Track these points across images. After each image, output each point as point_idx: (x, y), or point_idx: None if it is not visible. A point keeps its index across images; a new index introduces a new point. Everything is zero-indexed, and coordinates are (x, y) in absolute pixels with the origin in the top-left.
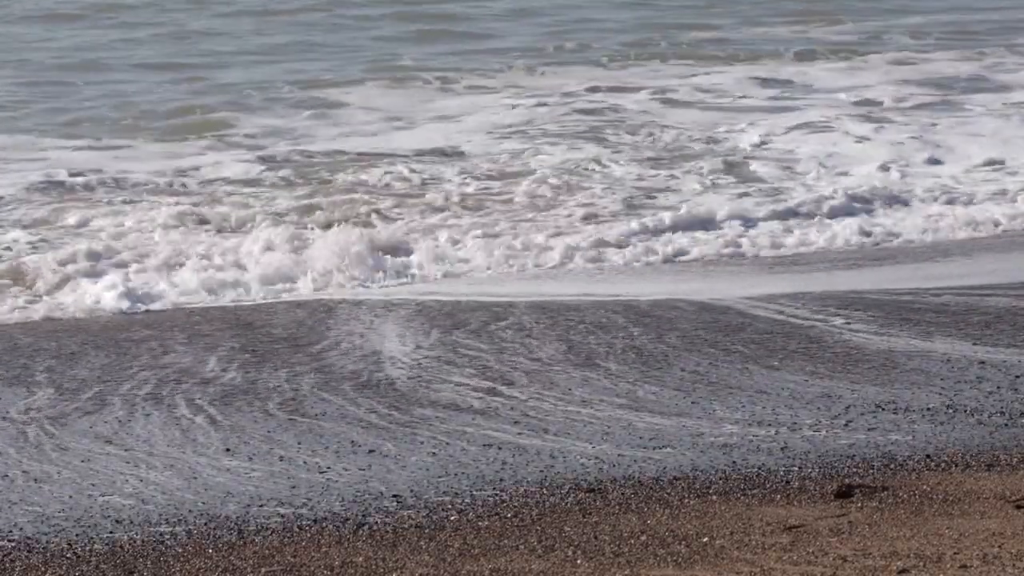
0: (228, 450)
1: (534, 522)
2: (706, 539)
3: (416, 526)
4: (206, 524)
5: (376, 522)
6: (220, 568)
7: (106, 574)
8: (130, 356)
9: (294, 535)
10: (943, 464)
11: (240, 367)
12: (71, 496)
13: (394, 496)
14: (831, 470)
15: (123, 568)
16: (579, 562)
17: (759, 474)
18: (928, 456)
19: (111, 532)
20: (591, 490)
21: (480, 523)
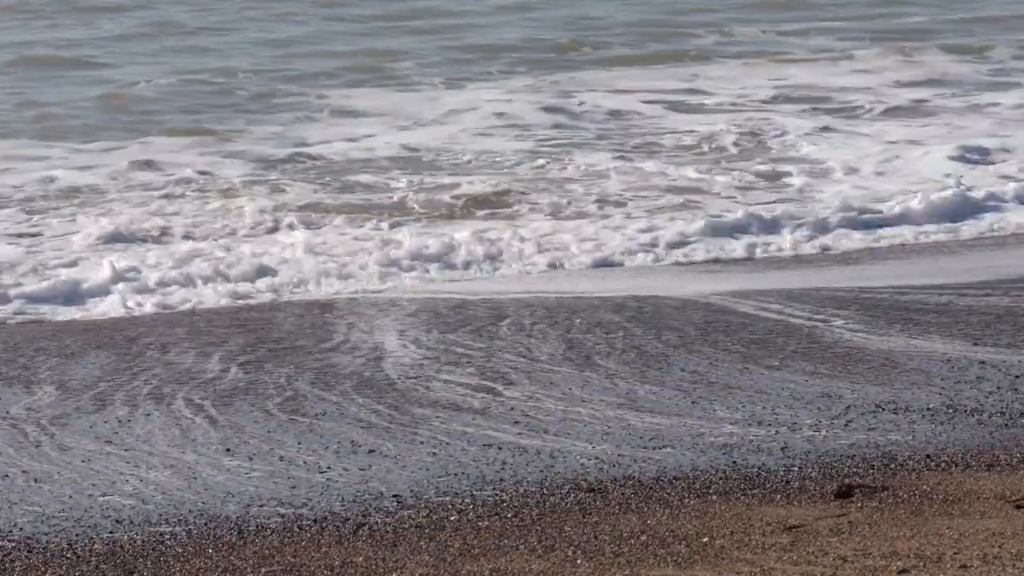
0: (228, 450)
1: (534, 522)
2: (706, 539)
3: (416, 526)
4: (206, 524)
5: (376, 522)
6: (220, 568)
7: (106, 574)
8: (131, 356)
9: (294, 535)
10: (943, 464)
11: (240, 367)
12: (71, 496)
13: (394, 496)
14: (831, 470)
15: (123, 568)
16: (579, 562)
17: (759, 474)
18: (928, 456)
19: (111, 532)
20: (591, 490)
21: (480, 523)
